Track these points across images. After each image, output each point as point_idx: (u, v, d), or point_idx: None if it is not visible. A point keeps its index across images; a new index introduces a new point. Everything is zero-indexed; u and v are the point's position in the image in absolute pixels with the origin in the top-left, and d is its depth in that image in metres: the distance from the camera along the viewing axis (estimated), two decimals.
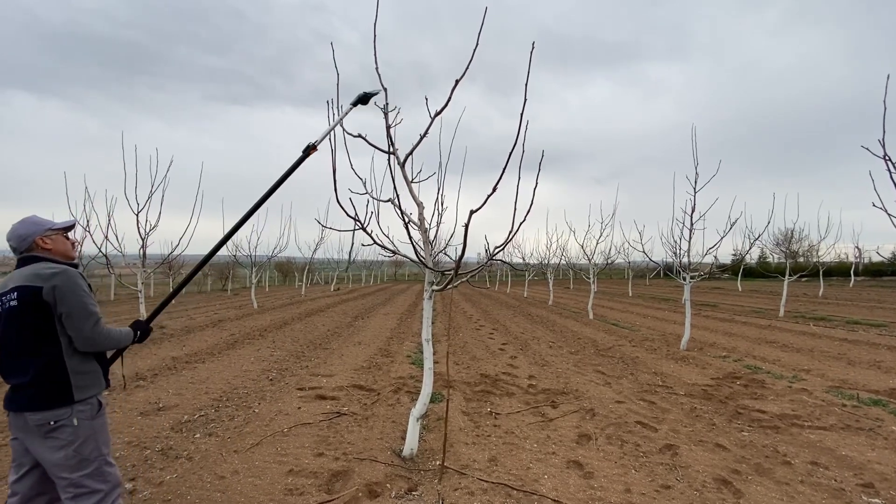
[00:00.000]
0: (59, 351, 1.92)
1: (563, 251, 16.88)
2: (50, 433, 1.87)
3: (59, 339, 1.92)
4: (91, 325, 1.92)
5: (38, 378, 1.87)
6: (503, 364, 6.88)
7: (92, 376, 2.00)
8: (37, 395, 1.86)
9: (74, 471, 1.90)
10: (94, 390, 2.00)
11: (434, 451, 3.61)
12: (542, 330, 10.73)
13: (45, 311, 1.88)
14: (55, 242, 2.06)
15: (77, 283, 1.94)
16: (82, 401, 1.94)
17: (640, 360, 7.21)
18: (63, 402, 1.89)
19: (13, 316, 1.88)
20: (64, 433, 1.89)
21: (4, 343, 1.91)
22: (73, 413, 1.91)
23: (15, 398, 1.89)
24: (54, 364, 1.90)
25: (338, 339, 8.99)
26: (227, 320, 11.55)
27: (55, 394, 1.89)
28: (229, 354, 7.16)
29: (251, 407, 4.57)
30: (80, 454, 1.91)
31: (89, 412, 1.96)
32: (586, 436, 4.00)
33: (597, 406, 4.83)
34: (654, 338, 9.49)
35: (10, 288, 1.90)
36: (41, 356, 1.89)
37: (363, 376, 5.91)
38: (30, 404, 1.86)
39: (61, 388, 1.90)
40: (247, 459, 3.33)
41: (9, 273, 2.05)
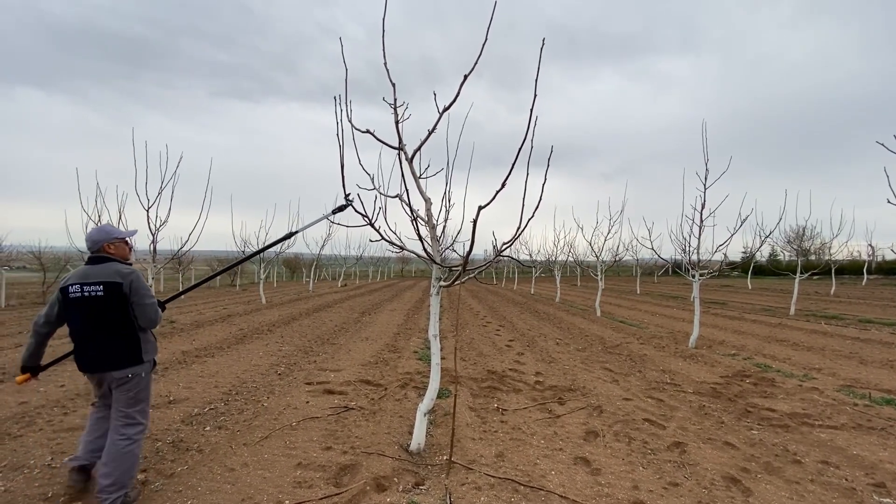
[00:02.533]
0: (134, 328, 2.68)
1: (571, 248, 16.79)
2: (126, 382, 2.65)
3: (133, 320, 2.67)
4: (155, 310, 2.72)
5: (124, 347, 2.65)
6: (510, 361, 6.88)
7: (152, 345, 2.82)
8: (122, 358, 2.64)
9: (131, 406, 2.68)
10: (153, 354, 2.81)
11: (441, 445, 3.62)
12: (549, 327, 10.71)
13: (124, 300, 2.62)
14: (118, 248, 2.79)
15: (143, 281, 2.70)
16: (147, 362, 2.75)
17: (649, 358, 7.17)
18: (137, 362, 2.68)
19: (98, 302, 2.58)
20: (133, 382, 2.67)
21: (94, 323, 2.60)
22: (142, 369, 2.71)
23: (101, 362, 2.62)
24: (131, 337, 2.67)
25: (345, 334, 9.04)
26: (236, 315, 11.65)
27: (132, 357, 2.66)
28: (238, 349, 7.24)
29: (260, 401, 4.62)
30: (137, 397, 2.70)
31: (149, 369, 2.78)
32: (594, 432, 3.99)
33: (604, 403, 4.82)
34: (663, 335, 9.43)
35: (96, 281, 2.59)
36: (123, 331, 2.65)
37: (370, 371, 5.94)
38: (113, 365, 2.62)
39: (135, 353, 2.68)
40: (256, 452, 3.37)
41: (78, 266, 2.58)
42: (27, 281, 21.55)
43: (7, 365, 5.73)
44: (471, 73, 3.34)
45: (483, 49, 3.29)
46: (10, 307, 14.79)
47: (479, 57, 3.30)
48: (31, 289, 18.90)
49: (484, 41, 3.29)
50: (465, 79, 3.36)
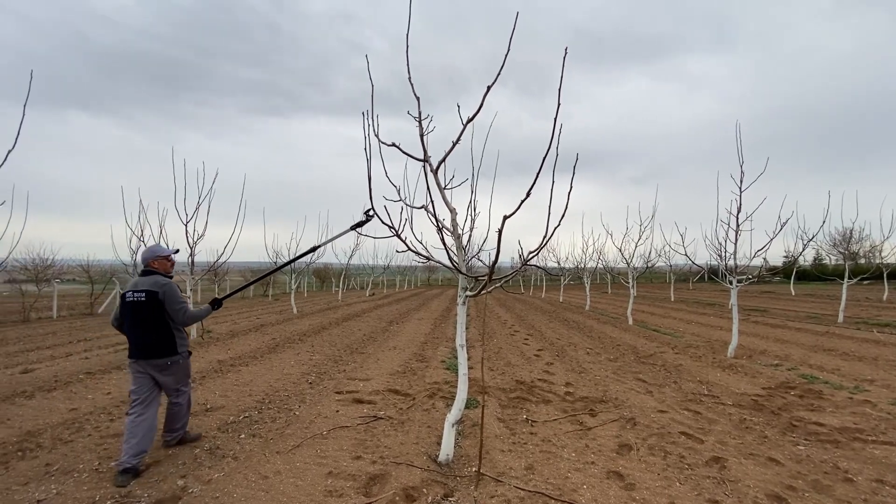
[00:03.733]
0: (168, 326, 3.45)
1: (601, 255, 16.44)
2: (166, 368, 3.46)
3: (167, 320, 3.45)
4: (182, 313, 3.46)
5: (159, 340, 3.41)
6: (539, 370, 6.78)
7: (184, 339, 3.60)
8: (159, 349, 3.41)
9: (177, 384, 3.59)
10: (185, 346, 3.60)
11: (470, 457, 3.60)
12: (579, 336, 10.50)
13: (159, 305, 3.40)
14: (160, 264, 3.62)
15: (175, 290, 3.48)
16: (181, 352, 3.54)
17: (684, 368, 6.92)
18: (172, 353, 3.47)
19: (141, 305, 3.37)
20: (172, 368, 3.50)
21: (138, 321, 3.37)
22: (178, 357, 3.52)
23: (143, 351, 3.38)
24: (167, 333, 3.44)
25: (374, 343, 9.13)
26: (269, 325, 11.97)
27: (169, 348, 3.45)
28: (271, 358, 7.42)
29: (292, 409, 4.72)
30: (179, 376, 3.58)
31: (184, 357, 3.59)
32: (627, 446, 3.88)
33: (638, 415, 4.68)
34: (699, 344, 9.09)
35: (140, 289, 3.40)
36: (160, 329, 3.41)
37: (399, 381, 5.98)
38: (154, 354, 3.40)
39: (171, 345, 3.46)
40: (288, 460, 3.44)
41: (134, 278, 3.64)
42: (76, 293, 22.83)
43: (59, 373, 6.07)
44: (494, 84, 3.37)
45: (506, 60, 3.31)
46: (62, 317, 15.69)
47: (502, 68, 3.33)
48: (80, 300, 20.00)
49: (506, 52, 3.31)
50: (488, 90, 3.39)
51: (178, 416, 3.65)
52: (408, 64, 3.53)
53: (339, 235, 4.32)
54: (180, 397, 3.63)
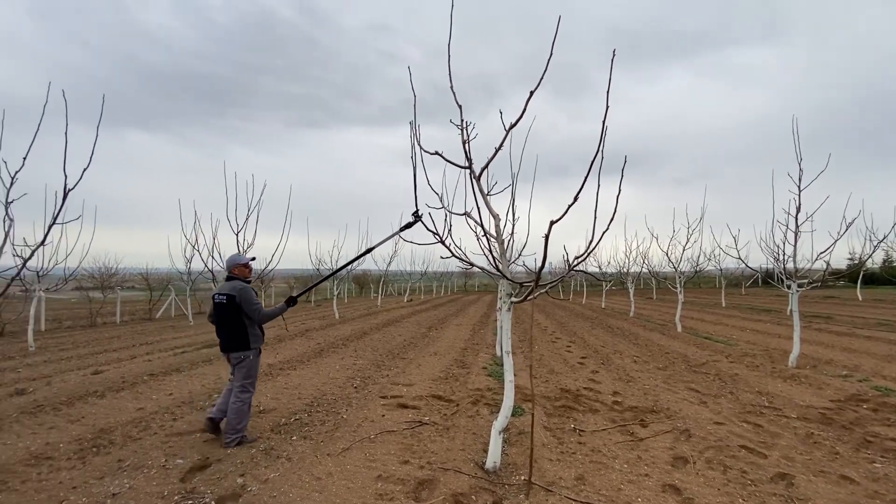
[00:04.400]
0: (244, 325, 3.95)
1: (645, 259, 15.88)
2: (242, 360, 3.96)
3: (244, 320, 3.95)
4: (258, 312, 3.96)
5: (236, 337, 3.94)
6: (584, 378, 6.62)
7: (257, 337, 4.05)
8: (235, 344, 3.94)
9: (244, 379, 3.98)
10: (257, 344, 4.05)
11: (517, 465, 3.56)
12: (625, 343, 10.17)
13: (237, 306, 3.92)
14: (240, 270, 4.16)
15: (249, 293, 3.96)
16: (253, 349, 4.01)
17: (741, 378, 6.56)
18: (246, 348, 3.96)
19: (223, 307, 3.93)
20: (245, 362, 3.97)
21: (222, 320, 3.95)
22: (250, 353, 3.99)
23: (226, 346, 3.97)
24: (242, 331, 3.95)
25: (414, 349, 9.21)
26: (313, 330, 12.33)
27: (243, 344, 3.95)
28: (317, 362, 7.64)
29: (339, 413, 4.84)
30: (247, 372, 3.98)
31: (255, 353, 4.04)
32: (682, 458, 3.71)
33: (692, 427, 4.47)
34: (756, 353, 8.58)
35: (223, 293, 3.96)
36: (237, 327, 3.93)
37: (441, 387, 6.00)
38: (232, 348, 3.95)
39: (244, 341, 3.95)
40: (339, 463, 3.52)
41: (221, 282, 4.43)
42: (136, 300, 24.42)
43: (126, 374, 6.50)
44: (536, 89, 3.36)
45: (548, 65, 3.29)
46: (124, 322, 16.82)
47: (545, 73, 3.31)
48: (140, 306, 21.38)
49: (549, 57, 3.29)
50: (530, 95, 3.38)
51: (240, 415, 3.90)
52: (449, 73, 3.59)
53: (390, 237, 4.46)
54: (243, 394, 3.95)
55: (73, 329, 14.69)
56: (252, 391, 4.03)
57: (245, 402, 3.95)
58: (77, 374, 6.83)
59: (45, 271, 10.36)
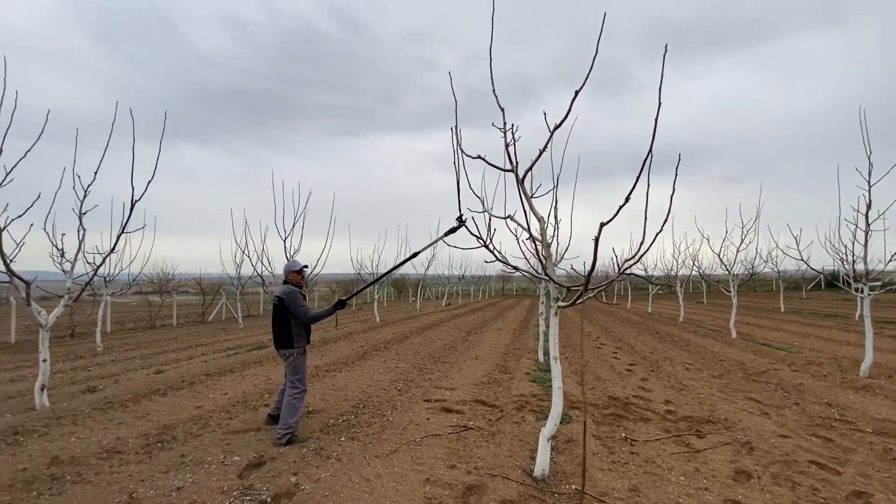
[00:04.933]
0: (289, 325, 4.22)
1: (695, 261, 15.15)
2: (287, 358, 4.24)
3: (290, 320, 4.23)
4: (303, 315, 4.22)
5: (282, 336, 4.23)
6: (633, 386, 6.38)
7: (300, 338, 4.28)
8: (282, 342, 4.23)
9: (292, 375, 4.22)
10: (301, 344, 4.28)
11: (566, 473, 3.47)
12: (675, 350, 9.74)
13: (285, 308, 4.23)
14: (293, 276, 4.46)
15: (296, 297, 4.24)
16: (297, 347, 4.24)
17: (806, 388, 6.12)
18: (290, 346, 4.22)
19: (275, 308, 4.28)
20: (290, 359, 4.23)
21: (274, 319, 4.27)
22: (294, 351, 4.23)
23: (276, 343, 4.27)
24: (288, 331, 4.22)
25: (455, 353, 9.21)
26: (356, 333, 12.59)
27: (288, 343, 4.22)
28: (361, 365, 7.79)
29: (384, 415, 4.90)
30: (295, 369, 4.23)
31: (299, 352, 4.27)
32: (745, 472, 3.50)
33: (754, 439, 4.21)
34: (822, 361, 7.99)
35: (277, 295, 4.29)
36: (283, 327, 4.22)
37: (484, 391, 5.96)
38: (279, 345, 4.25)
39: (289, 341, 4.22)
40: (387, 465, 3.57)
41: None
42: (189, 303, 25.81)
43: (185, 374, 6.88)
44: (582, 88, 3.29)
45: (594, 62, 3.23)
46: (180, 325, 17.82)
47: (591, 70, 3.24)
48: (193, 309, 22.59)
49: (594, 54, 3.23)
50: (576, 94, 3.32)
51: (291, 411, 4.10)
52: (491, 77, 3.59)
53: (435, 242, 4.56)
54: (292, 390, 4.17)
55: (135, 331, 15.72)
56: (301, 388, 4.21)
57: (295, 398, 4.14)
58: (141, 373, 7.30)
59: (111, 277, 11.16)
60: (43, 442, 4.14)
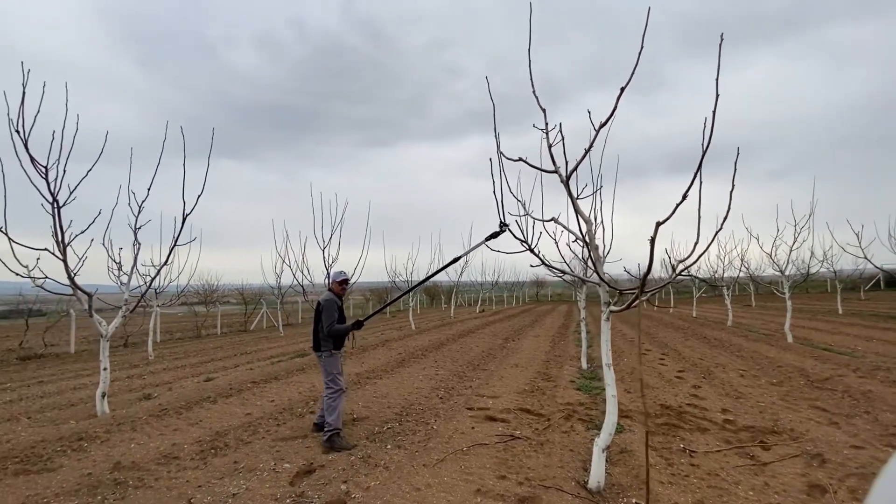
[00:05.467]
0: (319, 329, 4.44)
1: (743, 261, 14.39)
2: (320, 359, 4.45)
3: (321, 326, 4.40)
4: (327, 325, 4.37)
5: (315, 339, 4.49)
6: (685, 394, 6.09)
7: (329, 342, 4.41)
8: (315, 344, 4.48)
9: (326, 376, 4.40)
10: (327, 347, 4.40)
11: (622, 486, 3.32)
12: (726, 355, 9.26)
13: (319, 314, 4.45)
14: (335, 286, 4.67)
15: (329, 306, 4.44)
16: (324, 350, 4.41)
17: (876, 395, 5.66)
18: (319, 349, 4.44)
19: (316, 312, 4.54)
20: (321, 360, 4.44)
21: (315, 322, 4.53)
22: (321, 353, 4.42)
23: (313, 344, 4.53)
24: (318, 334, 4.45)
25: (493, 360, 9.09)
26: (392, 340, 12.66)
27: (318, 345, 4.45)
28: (400, 372, 7.80)
29: (429, 423, 4.86)
30: (326, 370, 4.39)
31: (327, 355, 4.40)
32: (819, 487, 3.24)
33: (825, 451, 3.91)
34: (889, 366, 7.38)
35: (318, 301, 4.53)
36: (316, 331, 4.48)
37: (528, 400, 5.83)
38: (314, 347, 4.50)
39: (319, 343, 4.44)
40: (436, 474, 3.51)
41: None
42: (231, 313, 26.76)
43: (233, 382, 7.08)
44: (627, 85, 3.19)
45: (640, 57, 3.13)
46: (224, 334, 18.46)
47: (636, 66, 3.14)
48: (236, 319, 23.39)
49: (640, 49, 3.14)
50: (621, 92, 3.22)
51: (329, 410, 4.25)
52: (531, 78, 3.56)
53: (477, 246, 4.52)
54: (327, 390, 4.34)
55: (183, 340, 16.40)
56: (335, 388, 4.32)
57: (330, 397, 4.29)
58: (192, 381, 7.57)
59: (161, 289, 11.69)
60: (105, 447, 4.34)
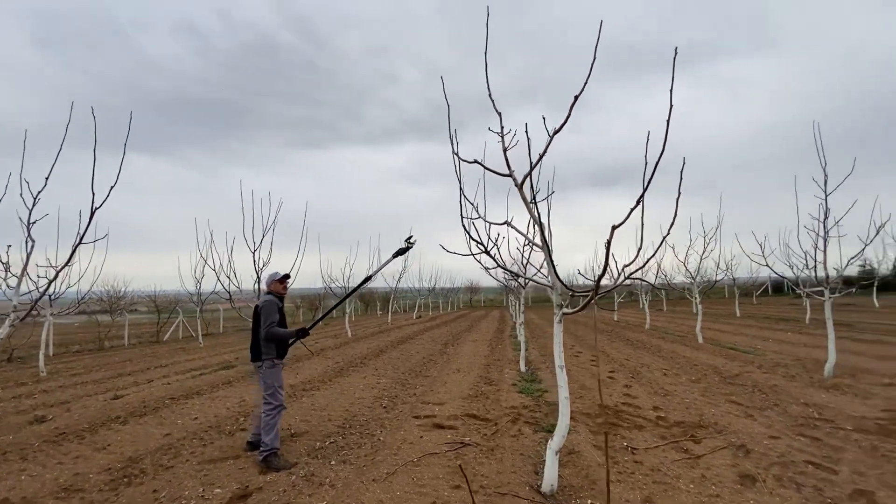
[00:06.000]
0: (258, 336, 4.01)
1: (660, 269, 15.64)
2: (259, 370, 4.02)
3: (260, 330, 3.99)
4: (266, 327, 3.95)
5: (254, 346, 4.04)
6: (618, 393, 6.39)
7: (270, 349, 4.01)
8: (255, 354, 4.04)
9: (265, 389, 3.97)
10: (269, 356, 3.99)
11: (574, 487, 3.35)
12: (649, 356, 9.93)
13: (258, 317, 4.03)
14: (275, 286, 4.27)
15: (269, 307, 4.02)
16: (265, 360, 3.99)
17: (781, 389, 6.33)
18: (259, 358, 4.01)
19: (253, 317, 4.13)
20: (261, 371, 4.00)
21: (252, 329, 4.11)
22: (262, 364, 4.00)
23: (251, 355, 4.07)
24: (258, 341, 4.02)
25: (435, 366, 8.99)
26: (329, 349, 12.10)
27: (257, 354, 4.02)
28: (339, 382, 7.43)
29: (374, 434, 4.63)
30: (266, 382, 3.97)
31: (269, 365, 3.99)
32: (749, 476, 3.50)
33: (748, 442, 4.26)
34: (788, 363, 8.35)
35: (255, 305, 4.18)
36: (255, 337, 4.04)
37: (473, 405, 5.78)
38: (253, 357, 4.05)
39: (259, 352, 4.01)
40: (388, 489, 3.32)
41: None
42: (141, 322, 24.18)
43: (147, 399, 6.30)
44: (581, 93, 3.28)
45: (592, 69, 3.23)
46: (132, 346, 16.59)
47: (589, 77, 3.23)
48: (147, 328, 21.15)
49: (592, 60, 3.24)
50: (575, 99, 3.30)
51: (266, 428, 3.87)
52: (487, 82, 3.56)
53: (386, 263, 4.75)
54: (265, 406, 3.93)
55: (82, 353, 14.48)
56: (274, 404, 3.94)
57: (269, 414, 3.90)
58: (96, 399, 6.63)
59: (56, 295, 10.21)
60: None
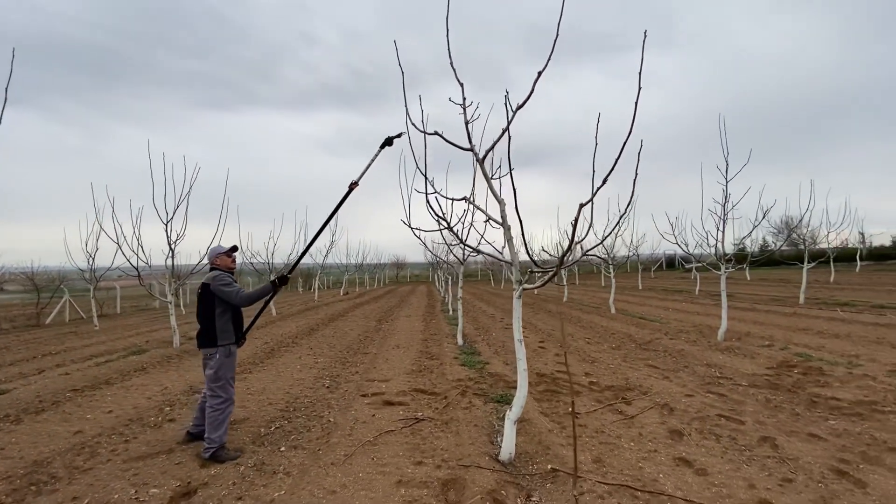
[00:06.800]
0: (213, 319, 3.57)
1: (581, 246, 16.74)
2: (209, 359, 3.58)
3: (214, 312, 3.58)
4: (236, 294, 3.58)
5: (204, 331, 3.58)
6: (552, 362, 6.81)
7: (226, 334, 3.61)
8: (203, 340, 3.59)
9: (213, 381, 3.56)
10: (226, 341, 3.60)
11: (530, 454, 3.52)
12: (572, 326, 10.68)
13: (210, 296, 3.60)
14: (222, 260, 3.81)
15: (223, 278, 3.62)
16: (220, 347, 3.57)
17: (687, 353, 7.17)
18: (213, 345, 3.56)
19: (199, 297, 3.65)
20: (212, 361, 3.56)
21: (197, 313, 3.64)
22: (216, 351, 3.56)
23: (199, 341, 3.62)
24: (211, 325, 3.57)
25: (372, 343, 8.87)
26: (254, 328, 11.36)
27: (210, 340, 3.57)
28: (273, 363, 7.03)
29: (323, 416, 4.46)
30: (214, 373, 3.55)
31: (224, 353, 3.59)
32: (677, 432, 3.93)
33: (669, 401, 4.78)
34: (688, 330, 9.46)
35: (200, 283, 3.67)
36: (206, 320, 3.58)
37: (419, 380, 5.81)
38: (200, 344, 3.61)
39: (212, 337, 3.57)
40: (348, 472, 3.22)
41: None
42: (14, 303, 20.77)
43: (41, 392, 5.45)
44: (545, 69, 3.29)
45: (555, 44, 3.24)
46: (5, 331, 14.22)
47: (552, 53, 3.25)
48: (23, 310, 18.21)
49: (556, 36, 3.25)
50: (539, 75, 3.31)
51: (213, 424, 3.50)
52: (448, 50, 3.45)
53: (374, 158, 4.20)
54: (213, 400, 3.56)
55: None
56: (223, 397, 3.58)
57: (217, 409, 3.54)
58: None
59: None
60: None
